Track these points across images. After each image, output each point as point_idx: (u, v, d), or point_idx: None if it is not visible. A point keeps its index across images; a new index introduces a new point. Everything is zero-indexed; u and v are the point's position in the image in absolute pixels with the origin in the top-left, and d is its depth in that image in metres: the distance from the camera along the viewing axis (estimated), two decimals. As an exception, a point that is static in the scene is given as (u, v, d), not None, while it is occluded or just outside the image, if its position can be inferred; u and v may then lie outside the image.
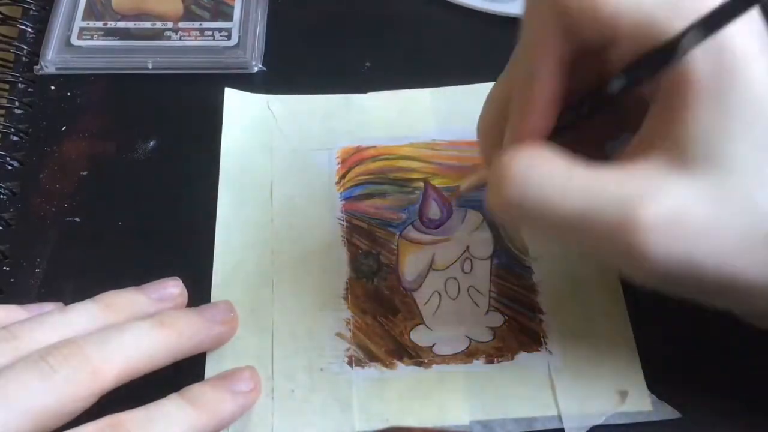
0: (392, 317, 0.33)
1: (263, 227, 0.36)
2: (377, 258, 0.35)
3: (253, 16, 0.43)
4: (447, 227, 0.36)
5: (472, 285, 0.34)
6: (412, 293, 0.34)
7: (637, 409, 0.31)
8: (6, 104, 0.40)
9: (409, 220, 0.36)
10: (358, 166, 0.38)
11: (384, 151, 0.38)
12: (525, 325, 0.33)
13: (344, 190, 0.37)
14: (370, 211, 0.36)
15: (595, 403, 0.31)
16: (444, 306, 0.34)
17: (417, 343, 0.33)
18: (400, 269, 0.35)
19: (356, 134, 0.39)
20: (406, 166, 0.38)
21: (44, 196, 0.37)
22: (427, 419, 0.31)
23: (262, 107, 0.40)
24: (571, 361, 0.32)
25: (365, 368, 0.32)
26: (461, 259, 0.35)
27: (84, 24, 0.43)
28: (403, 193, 0.37)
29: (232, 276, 0.34)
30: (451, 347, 0.33)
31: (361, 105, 0.40)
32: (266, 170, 0.38)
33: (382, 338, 0.33)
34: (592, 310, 0.33)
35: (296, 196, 0.37)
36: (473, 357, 0.32)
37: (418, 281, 0.34)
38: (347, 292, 0.34)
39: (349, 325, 0.33)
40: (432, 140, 0.39)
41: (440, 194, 0.37)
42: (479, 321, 0.33)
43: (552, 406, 0.31)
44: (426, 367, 0.32)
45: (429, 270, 0.35)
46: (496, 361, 0.32)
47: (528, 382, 0.31)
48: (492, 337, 0.33)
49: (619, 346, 0.32)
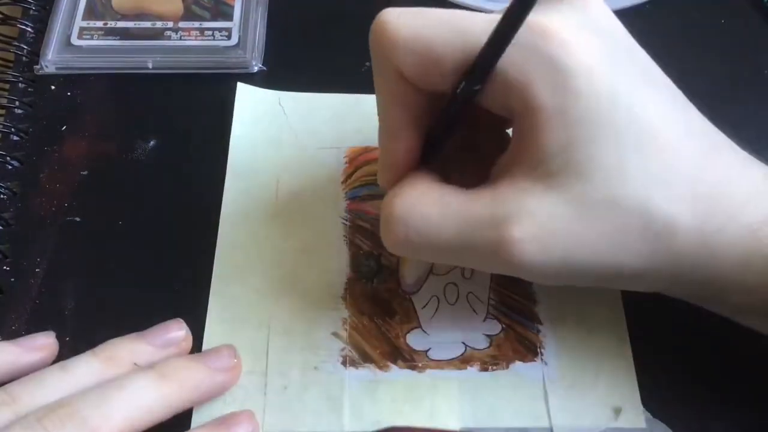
0: (389, 319, 0.33)
1: (266, 222, 0.36)
2: (378, 259, 0.35)
3: (253, 16, 0.43)
4: (450, 232, 0.36)
5: (471, 291, 0.34)
6: (411, 296, 0.34)
7: (631, 425, 0.30)
8: (6, 104, 0.40)
9: (413, 223, 0.36)
10: (365, 166, 0.38)
11: (392, 153, 0.38)
12: (522, 335, 0.33)
13: (350, 189, 0.37)
14: (374, 212, 0.36)
15: (588, 418, 0.31)
16: (442, 311, 0.34)
17: (412, 347, 0.33)
18: (400, 272, 0.34)
19: (365, 135, 0.39)
20: (413, 168, 0.38)
21: (44, 196, 0.37)
22: (417, 423, 0.31)
23: (273, 103, 0.40)
24: (566, 374, 0.32)
25: (359, 369, 0.32)
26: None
27: (84, 24, 0.43)
28: (409, 196, 0.37)
29: (233, 269, 0.34)
30: (446, 352, 0.32)
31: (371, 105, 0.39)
32: (273, 165, 0.38)
33: (378, 340, 0.33)
34: (591, 324, 0.33)
35: (301, 193, 0.37)
36: (468, 363, 0.32)
37: (417, 285, 0.34)
38: (346, 291, 0.34)
39: (346, 325, 0.33)
40: (440, 144, 0.38)
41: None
42: (476, 328, 0.33)
43: (544, 418, 0.31)
44: (420, 371, 0.32)
45: (429, 274, 0.34)
46: (490, 369, 0.32)
47: (521, 392, 0.31)
48: (488, 345, 0.33)
49: (616, 361, 0.32)
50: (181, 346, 0.32)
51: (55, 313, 0.33)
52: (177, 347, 0.32)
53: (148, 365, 0.30)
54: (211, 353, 0.32)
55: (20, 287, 0.34)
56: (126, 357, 0.30)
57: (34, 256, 0.35)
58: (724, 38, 0.42)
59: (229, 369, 0.31)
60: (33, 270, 0.35)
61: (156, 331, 0.32)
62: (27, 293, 0.34)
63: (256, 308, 0.33)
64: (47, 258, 0.35)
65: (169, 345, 0.31)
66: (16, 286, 0.34)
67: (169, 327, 0.32)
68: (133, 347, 0.31)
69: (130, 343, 0.31)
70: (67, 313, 0.33)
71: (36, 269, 0.35)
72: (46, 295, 0.34)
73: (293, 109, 0.40)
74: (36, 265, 0.35)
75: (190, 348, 0.32)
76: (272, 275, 0.34)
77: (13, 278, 0.34)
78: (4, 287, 0.34)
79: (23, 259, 0.35)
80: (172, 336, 0.32)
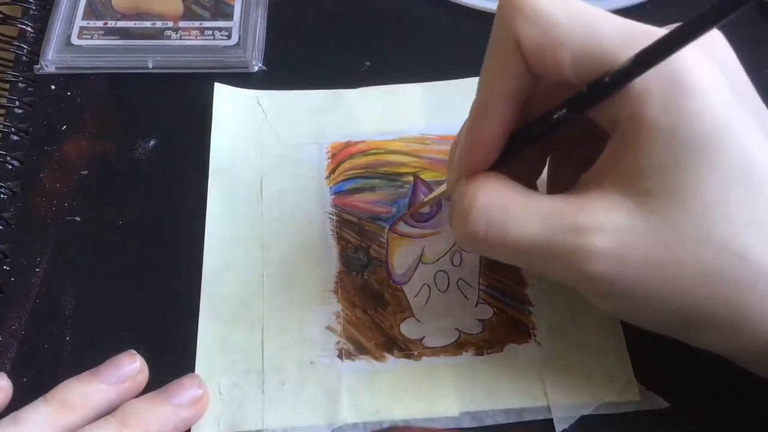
0: (382, 310, 0.33)
1: (253, 221, 0.36)
2: (367, 252, 0.35)
3: (253, 15, 0.43)
4: (436, 221, 0.36)
5: (461, 278, 0.34)
6: (402, 286, 0.34)
7: (625, 398, 0.31)
8: (6, 104, 0.40)
9: (399, 213, 0.36)
10: (348, 160, 0.38)
11: (374, 146, 0.38)
12: (514, 317, 0.33)
13: (334, 184, 0.37)
14: (359, 205, 0.36)
15: (584, 394, 0.31)
16: (434, 299, 0.34)
17: (407, 336, 0.33)
18: (389, 263, 0.35)
19: (346, 129, 0.39)
20: (395, 160, 0.38)
21: (44, 196, 0.37)
22: (416, 411, 0.31)
23: (252, 102, 0.40)
24: (559, 352, 0.32)
25: (355, 361, 0.32)
26: (450, 252, 0.35)
27: (84, 23, 0.43)
28: (393, 188, 0.37)
29: (222, 270, 0.34)
30: (440, 339, 0.33)
31: (351, 100, 0.40)
32: (256, 165, 0.38)
33: (372, 331, 0.33)
34: (581, 302, 0.33)
35: (286, 190, 0.37)
36: (462, 349, 0.32)
37: (407, 274, 0.34)
38: (337, 285, 0.34)
39: (339, 319, 0.33)
40: (421, 135, 0.39)
41: (430, 188, 0.37)
42: (469, 313, 0.33)
43: (541, 397, 0.31)
44: (416, 359, 0.32)
45: (418, 263, 0.35)
46: (485, 353, 0.32)
47: (517, 374, 0.32)
48: (481, 329, 0.33)
49: (607, 337, 0.32)
50: (136, 380, 0.30)
51: (55, 312, 0.34)
52: (132, 381, 0.30)
53: (107, 412, 0.29)
54: (174, 387, 0.30)
55: (20, 287, 0.34)
56: (80, 401, 0.29)
57: (34, 256, 0.35)
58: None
59: (195, 402, 0.30)
60: (33, 270, 0.35)
61: (108, 367, 0.30)
62: (27, 293, 0.34)
63: (248, 307, 0.33)
64: (47, 258, 0.35)
65: (124, 380, 0.30)
66: (16, 286, 0.34)
67: (122, 362, 0.31)
68: (86, 389, 0.29)
69: (82, 385, 0.29)
70: (67, 312, 0.34)
71: (36, 269, 0.35)
72: (46, 295, 0.34)
73: (272, 107, 0.40)
74: (36, 265, 0.35)
75: (146, 380, 0.31)
76: (262, 273, 0.34)
77: (13, 278, 0.35)
78: (4, 287, 0.34)
79: (23, 259, 0.35)
80: (126, 371, 0.30)
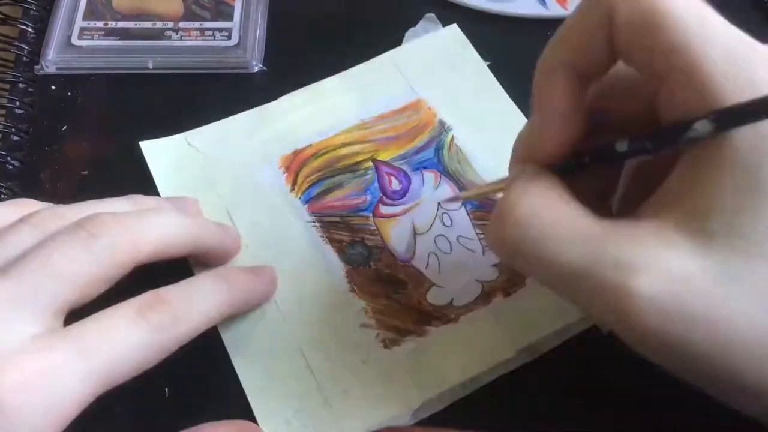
0: (403, 291, 0.34)
1: (243, 255, 0.35)
2: (363, 243, 0.35)
3: (253, 16, 0.43)
4: (411, 193, 0.37)
5: (460, 235, 0.35)
6: (411, 262, 0.35)
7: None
8: (7, 104, 0.40)
9: (375, 199, 0.37)
10: (303, 168, 0.38)
11: (321, 146, 0.39)
12: (521, 252, 0.35)
13: (301, 194, 0.37)
14: (335, 204, 0.37)
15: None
16: (444, 263, 0.35)
17: (436, 304, 0.34)
18: (389, 245, 0.35)
19: (287, 140, 0.39)
20: (348, 152, 0.38)
21: (44, 196, 0.35)
22: (476, 367, 0.32)
23: (183, 146, 0.38)
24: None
25: (402, 345, 0.32)
26: (438, 216, 0.36)
27: (84, 24, 0.43)
28: (357, 177, 0.37)
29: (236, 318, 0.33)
30: (467, 296, 0.34)
31: (278, 110, 0.40)
32: (216, 203, 0.37)
33: (403, 313, 0.33)
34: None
35: (258, 216, 0.36)
36: (491, 296, 0.34)
37: (410, 250, 0.35)
38: (351, 284, 0.34)
39: (369, 313, 0.33)
40: (360, 121, 0.39)
41: (392, 166, 0.38)
42: (481, 262, 0.35)
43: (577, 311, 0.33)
44: (454, 322, 0.33)
45: (415, 236, 0.36)
46: (512, 292, 0.34)
47: (547, 299, 0.33)
48: (499, 273, 0.34)
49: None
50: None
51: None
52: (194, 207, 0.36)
53: None
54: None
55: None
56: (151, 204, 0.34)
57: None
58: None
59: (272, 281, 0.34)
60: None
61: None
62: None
63: (276, 336, 0.33)
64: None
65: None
66: None
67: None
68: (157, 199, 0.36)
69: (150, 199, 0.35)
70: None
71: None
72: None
73: (205, 144, 0.39)
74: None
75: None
76: (275, 301, 0.34)
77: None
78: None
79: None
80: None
